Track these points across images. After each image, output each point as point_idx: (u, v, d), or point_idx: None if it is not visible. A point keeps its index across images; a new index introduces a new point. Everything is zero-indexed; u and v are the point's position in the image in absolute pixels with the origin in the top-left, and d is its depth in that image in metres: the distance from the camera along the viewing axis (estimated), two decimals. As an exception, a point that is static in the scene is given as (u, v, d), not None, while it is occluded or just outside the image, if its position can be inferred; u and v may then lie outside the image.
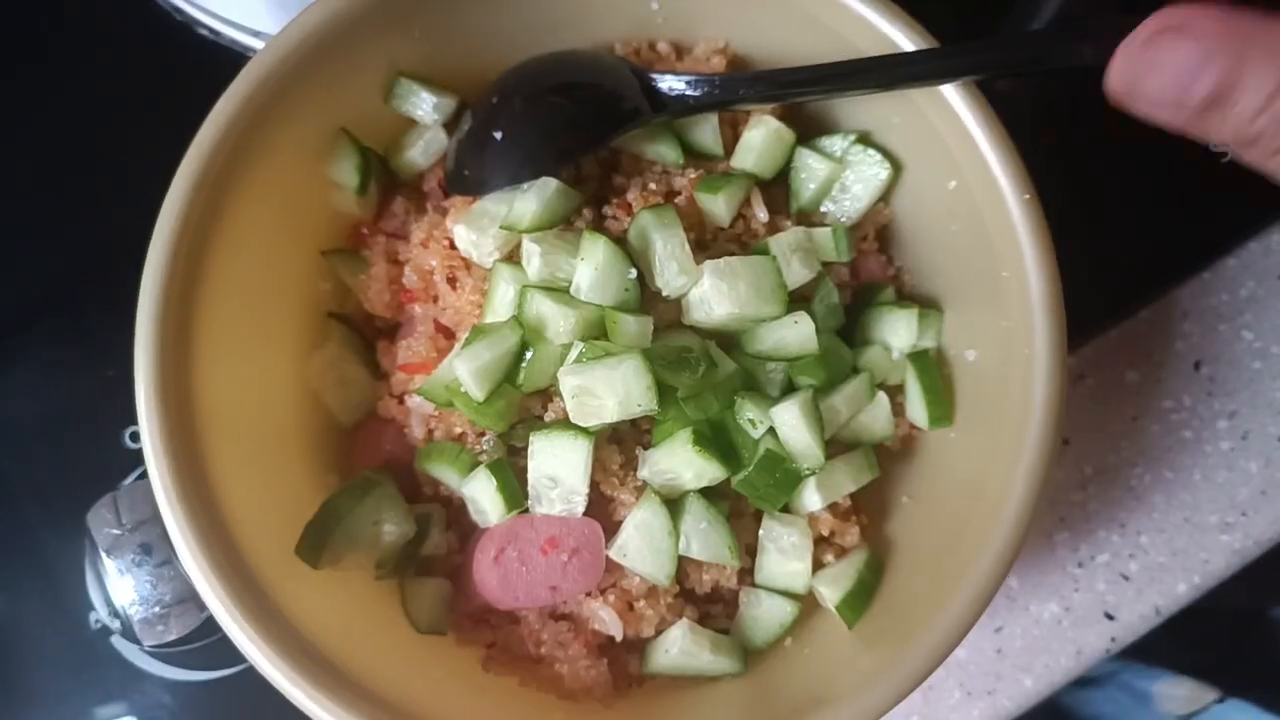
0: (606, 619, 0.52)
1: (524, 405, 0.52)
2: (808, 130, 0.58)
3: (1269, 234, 0.75)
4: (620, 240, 0.52)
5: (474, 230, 0.51)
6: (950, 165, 0.52)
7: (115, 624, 0.66)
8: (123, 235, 0.50)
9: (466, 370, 0.49)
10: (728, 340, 0.54)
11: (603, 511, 0.52)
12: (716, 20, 0.57)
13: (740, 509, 0.54)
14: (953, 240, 0.55)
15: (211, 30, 0.70)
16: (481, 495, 0.52)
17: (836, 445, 0.55)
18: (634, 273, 0.49)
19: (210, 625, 0.49)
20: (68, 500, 0.67)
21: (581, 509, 0.50)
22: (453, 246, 0.53)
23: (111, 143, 0.72)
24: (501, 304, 0.50)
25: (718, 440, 0.51)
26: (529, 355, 0.49)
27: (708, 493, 0.52)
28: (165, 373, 0.48)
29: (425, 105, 0.57)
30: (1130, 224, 0.72)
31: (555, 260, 0.49)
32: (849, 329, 0.58)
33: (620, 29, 0.58)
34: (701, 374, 0.49)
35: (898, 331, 0.56)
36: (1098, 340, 0.73)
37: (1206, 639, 0.88)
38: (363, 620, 0.53)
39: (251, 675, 0.46)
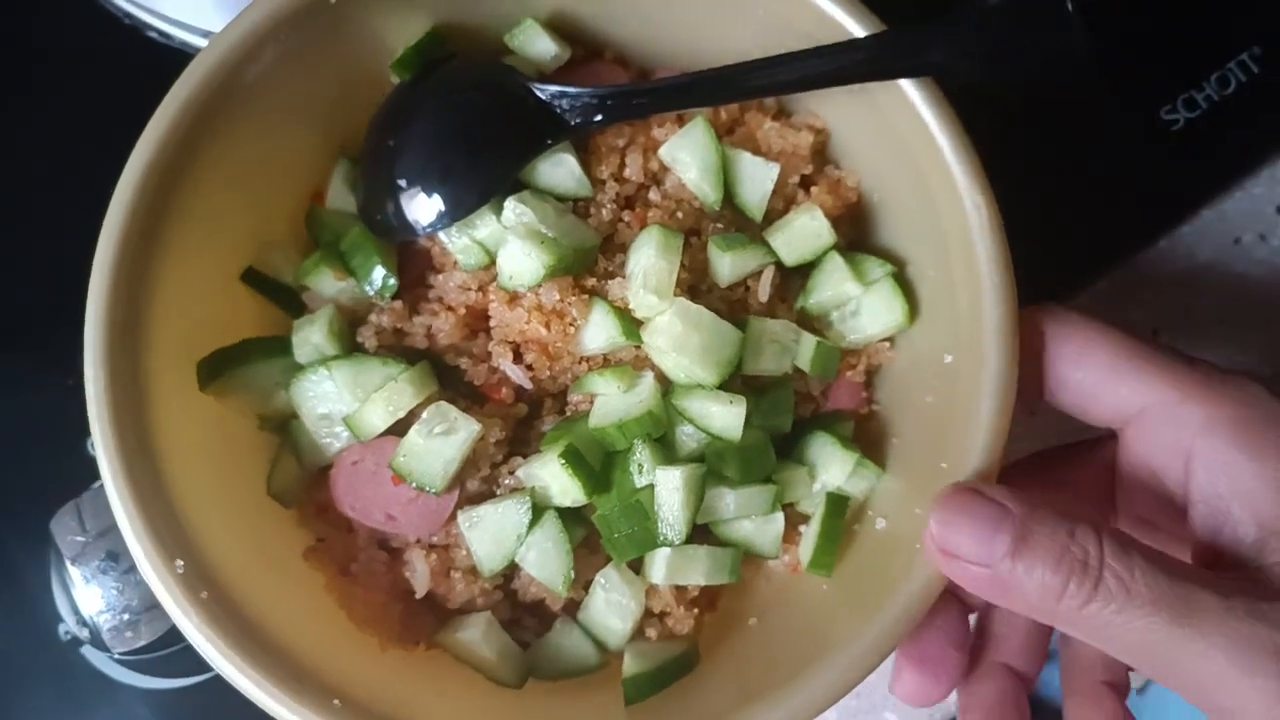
0: (418, 570, 0.52)
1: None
2: (859, 235, 0.57)
3: (1221, 202, 0.75)
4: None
5: None
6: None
7: (84, 633, 0.64)
8: (79, 243, 0.48)
9: None
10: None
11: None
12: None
13: (596, 544, 0.53)
14: (927, 410, 0.53)
15: (161, 33, 0.67)
16: None
17: (714, 539, 0.54)
18: None
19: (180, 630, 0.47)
20: (31, 511, 0.65)
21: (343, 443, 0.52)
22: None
23: (63, 151, 0.70)
24: None
25: (597, 467, 0.51)
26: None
27: (570, 516, 0.52)
28: (115, 347, 0.48)
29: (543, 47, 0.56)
30: (1086, 196, 0.72)
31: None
32: (792, 437, 0.56)
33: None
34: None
35: (830, 468, 0.54)
36: None
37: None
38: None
39: (223, 681, 0.46)
